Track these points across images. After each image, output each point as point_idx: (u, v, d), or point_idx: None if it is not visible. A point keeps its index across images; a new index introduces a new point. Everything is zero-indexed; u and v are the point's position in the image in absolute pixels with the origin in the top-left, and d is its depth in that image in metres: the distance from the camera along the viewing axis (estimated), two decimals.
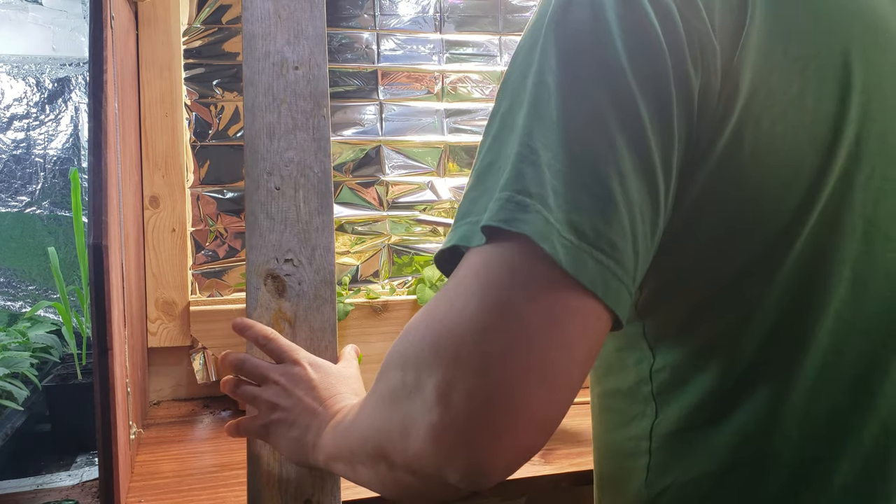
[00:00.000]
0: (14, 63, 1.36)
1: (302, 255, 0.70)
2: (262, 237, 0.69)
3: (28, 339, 1.21)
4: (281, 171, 0.70)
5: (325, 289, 0.71)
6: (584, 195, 0.38)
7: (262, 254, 0.69)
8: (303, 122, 0.71)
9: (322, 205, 0.71)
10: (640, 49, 0.40)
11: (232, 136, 1.22)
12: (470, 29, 1.33)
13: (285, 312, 0.69)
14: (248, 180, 0.69)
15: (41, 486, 0.94)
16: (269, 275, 0.69)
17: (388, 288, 1.27)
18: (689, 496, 0.48)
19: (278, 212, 0.69)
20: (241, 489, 0.83)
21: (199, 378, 1.14)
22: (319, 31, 0.72)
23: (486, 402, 0.37)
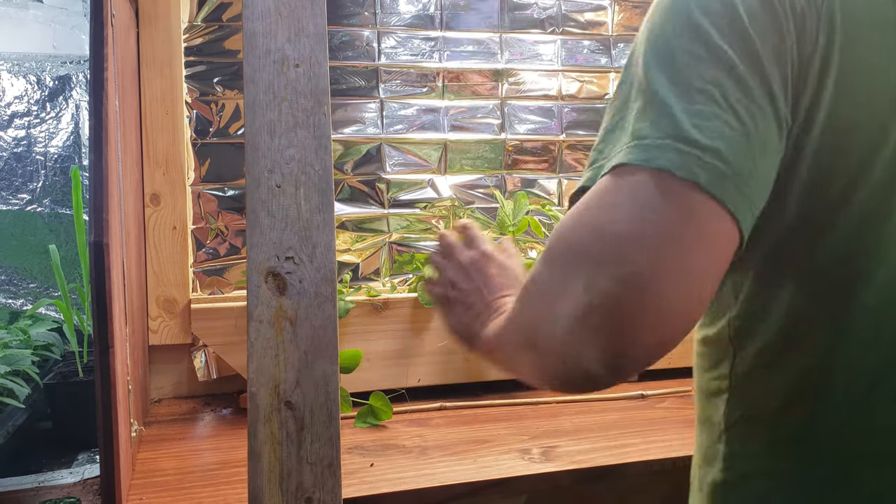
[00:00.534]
0: (15, 61, 1.36)
1: (303, 253, 0.71)
2: (262, 235, 0.69)
3: (29, 336, 1.21)
4: (282, 168, 0.70)
5: (326, 287, 0.71)
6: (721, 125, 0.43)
7: (263, 252, 0.69)
8: (303, 120, 0.71)
9: (323, 203, 0.71)
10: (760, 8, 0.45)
11: (233, 133, 1.22)
12: (471, 27, 1.33)
13: (286, 310, 0.70)
14: (249, 178, 0.69)
15: (43, 483, 0.94)
16: (269, 273, 0.69)
17: (388, 286, 1.27)
18: (752, 427, 0.55)
19: (279, 210, 0.70)
20: (243, 486, 0.83)
21: (200, 375, 1.14)
22: (320, 28, 0.72)
23: (632, 290, 0.41)
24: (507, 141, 1.35)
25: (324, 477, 0.70)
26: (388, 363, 1.13)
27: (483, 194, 1.36)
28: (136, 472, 0.88)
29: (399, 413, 1.07)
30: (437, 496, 0.83)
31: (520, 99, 1.36)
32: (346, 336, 1.11)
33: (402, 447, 0.96)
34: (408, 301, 1.14)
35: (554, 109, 1.38)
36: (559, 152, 1.39)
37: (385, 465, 0.89)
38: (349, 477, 0.85)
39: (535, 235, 1.32)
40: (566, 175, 1.40)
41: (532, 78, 1.37)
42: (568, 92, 1.39)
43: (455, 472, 0.87)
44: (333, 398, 0.70)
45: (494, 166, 1.36)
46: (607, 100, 1.42)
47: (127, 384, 0.82)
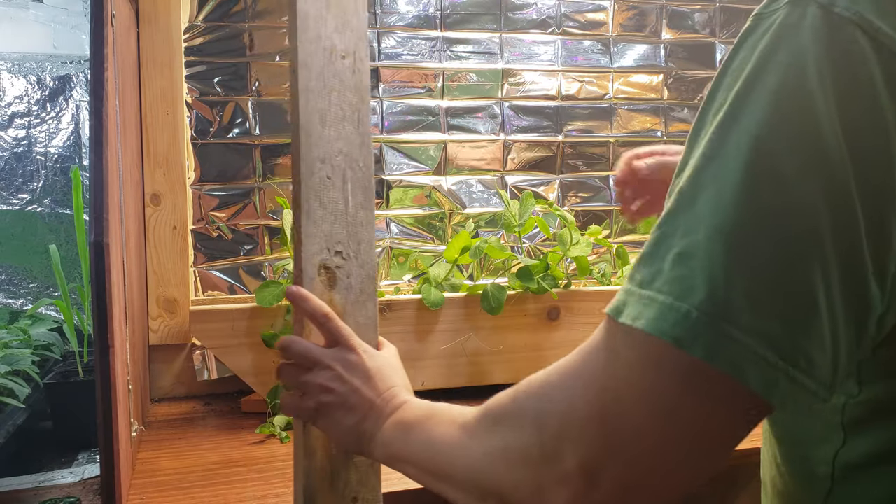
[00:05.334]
0: (15, 61, 1.36)
1: (350, 248, 0.69)
2: (315, 226, 0.67)
3: (29, 336, 1.21)
4: (332, 160, 0.68)
5: (368, 284, 0.70)
6: (784, 303, 0.35)
7: (316, 243, 0.67)
8: (349, 114, 0.70)
9: (366, 199, 0.70)
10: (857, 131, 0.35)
11: (232, 134, 1.22)
12: (471, 27, 1.33)
13: (336, 305, 0.68)
14: (302, 165, 0.66)
15: (43, 483, 0.94)
16: (322, 265, 0.68)
17: (392, 288, 1.27)
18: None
19: (329, 202, 0.68)
20: (243, 486, 0.83)
21: (200, 376, 1.14)
22: (363, 23, 0.71)
23: (633, 490, 0.38)
24: (506, 141, 1.35)
25: (367, 476, 0.69)
26: None
27: (483, 194, 1.36)
28: (136, 472, 0.88)
29: None
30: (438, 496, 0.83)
31: (520, 99, 1.36)
32: None
33: None
34: (411, 303, 1.13)
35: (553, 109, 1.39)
36: (560, 152, 1.39)
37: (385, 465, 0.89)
38: None
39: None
40: (565, 176, 1.40)
41: (532, 78, 1.37)
42: (568, 92, 1.39)
43: None
44: None
45: (494, 166, 1.36)
46: (607, 99, 1.42)
47: (127, 384, 0.82)
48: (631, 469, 0.38)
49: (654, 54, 1.44)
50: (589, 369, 0.40)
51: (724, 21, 1.48)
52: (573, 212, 1.38)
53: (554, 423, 0.41)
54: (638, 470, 0.38)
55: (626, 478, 0.38)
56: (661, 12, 1.44)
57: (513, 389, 0.46)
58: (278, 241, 1.23)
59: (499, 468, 0.45)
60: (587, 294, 1.20)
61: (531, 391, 0.44)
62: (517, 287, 1.15)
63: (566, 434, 0.40)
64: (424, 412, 0.57)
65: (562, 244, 1.21)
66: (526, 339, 1.16)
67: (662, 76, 1.45)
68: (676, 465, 0.38)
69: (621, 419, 0.38)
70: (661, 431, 0.37)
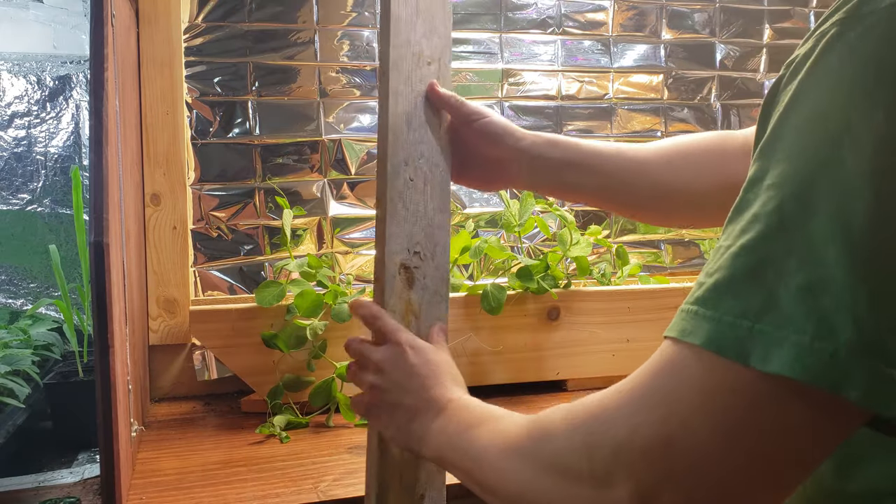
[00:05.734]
0: (15, 61, 1.36)
1: (427, 249, 0.71)
2: (398, 226, 0.69)
3: (29, 336, 1.21)
4: (415, 162, 0.70)
5: (442, 286, 0.72)
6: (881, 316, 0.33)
7: (398, 243, 0.69)
8: (431, 119, 0.71)
9: (443, 203, 0.72)
10: None
11: (232, 134, 1.22)
12: (470, 27, 1.33)
13: (413, 305, 0.70)
14: (389, 166, 0.68)
15: (43, 483, 0.94)
16: (402, 264, 0.69)
17: None
18: None
19: (411, 203, 0.70)
20: (243, 486, 0.83)
21: (200, 376, 1.14)
22: (448, 31, 0.73)
23: None
24: None
25: (434, 476, 0.71)
26: None
27: (483, 194, 1.36)
28: (136, 472, 0.88)
29: None
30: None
31: (520, 99, 1.36)
32: None
33: None
34: None
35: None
36: None
37: None
38: (349, 477, 0.86)
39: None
40: None
41: (532, 78, 1.37)
42: (568, 92, 1.39)
43: None
44: None
45: None
46: (607, 99, 1.42)
47: (127, 384, 0.82)
48: (691, 500, 0.37)
49: (654, 54, 1.44)
50: (654, 394, 0.38)
51: (724, 21, 1.48)
52: (573, 212, 1.38)
53: (608, 449, 0.39)
54: (698, 501, 0.37)
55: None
56: (660, 12, 1.44)
57: (566, 408, 0.45)
58: (278, 241, 1.23)
59: (547, 490, 0.44)
60: (587, 294, 1.20)
61: (587, 412, 0.42)
62: (517, 287, 1.15)
63: (621, 460, 0.38)
64: (472, 417, 0.56)
65: (562, 244, 1.21)
66: (526, 339, 1.16)
67: (662, 76, 1.45)
68: (740, 499, 0.37)
69: (680, 439, 0.36)
70: (735, 464, 0.36)
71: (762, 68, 1.51)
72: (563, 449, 0.43)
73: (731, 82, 1.49)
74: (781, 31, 1.51)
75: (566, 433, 0.43)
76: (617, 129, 1.42)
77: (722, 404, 0.36)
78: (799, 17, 1.52)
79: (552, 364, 1.17)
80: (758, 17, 1.50)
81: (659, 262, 1.46)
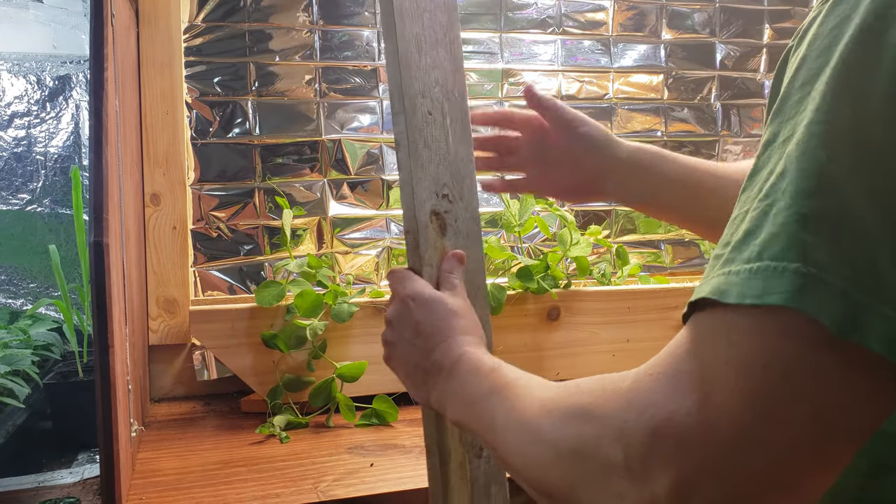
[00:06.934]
0: (15, 61, 1.36)
1: (455, 189, 0.64)
2: (423, 169, 0.62)
3: (29, 336, 1.21)
4: (431, 92, 0.63)
5: (474, 227, 0.66)
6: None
7: (426, 188, 0.63)
8: (441, 37, 0.64)
9: (464, 132, 0.65)
10: None
11: (232, 134, 1.22)
12: (470, 27, 1.33)
13: (447, 253, 0.64)
14: (406, 102, 0.61)
15: (43, 483, 0.94)
16: (433, 212, 0.63)
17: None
18: None
19: (433, 140, 0.63)
20: (243, 486, 0.83)
21: (200, 376, 1.14)
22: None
23: None
24: None
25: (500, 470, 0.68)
26: None
27: (483, 194, 1.36)
28: (136, 472, 0.88)
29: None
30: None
31: (520, 99, 1.36)
32: (349, 339, 1.10)
33: (402, 447, 0.96)
34: None
35: None
36: None
37: (385, 465, 0.89)
38: (349, 477, 0.85)
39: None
40: None
41: (532, 78, 1.37)
42: (568, 92, 1.39)
43: None
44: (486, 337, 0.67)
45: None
46: (607, 99, 1.42)
47: (127, 384, 0.82)
48: (732, 490, 0.34)
49: (654, 54, 1.44)
50: (688, 377, 0.35)
51: (724, 21, 1.48)
52: (573, 212, 1.38)
53: (644, 439, 0.36)
54: (739, 491, 0.34)
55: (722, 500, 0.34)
56: (660, 12, 1.43)
57: (590, 389, 0.41)
58: (278, 241, 1.23)
59: (574, 481, 0.40)
60: (587, 294, 1.20)
61: (619, 397, 0.39)
62: (517, 287, 1.15)
63: (658, 451, 0.35)
64: (487, 383, 0.52)
65: (562, 244, 1.21)
66: (526, 339, 1.16)
67: (662, 76, 1.45)
68: (788, 488, 0.33)
69: (731, 435, 0.33)
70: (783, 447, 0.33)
71: (762, 68, 1.51)
72: (593, 437, 0.39)
73: (732, 82, 1.49)
74: (782, 31, 1.51)
75: (596, 419, 0.39)
76: (617, 128, 1.42)
77: (767, 377, 0.32)
78: (799, 17, 1.52)
79: (552, 364, 1.17)
80: (758, 17, 1.50)
81: (659, 262, 1.46)
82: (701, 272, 1.48)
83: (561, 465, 0.41)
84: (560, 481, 0.41)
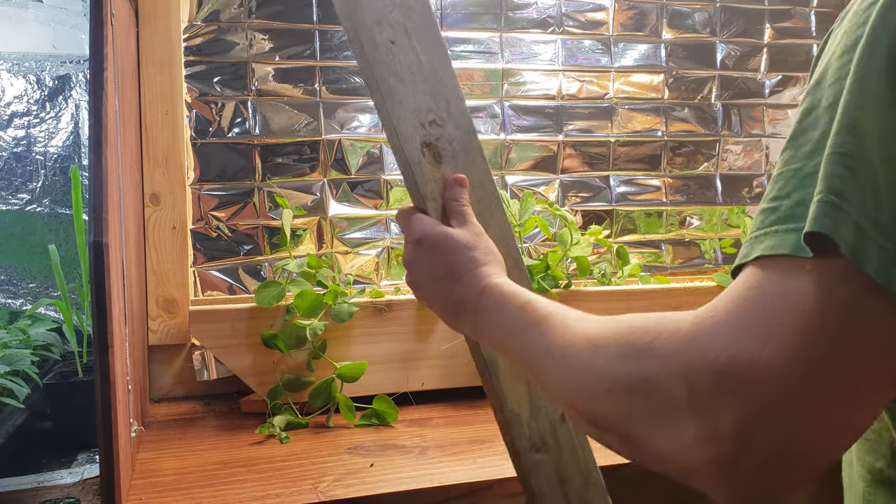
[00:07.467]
0: (14, 60, 1.36)
1: (441, 110, 0.62)
2: (401, 105, 0.60)
3: (29, 336, 1.21)
4: (388, 17, 0.59)
5: (470, 141, 0.63)
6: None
7: (409, 124, 0.60)
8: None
9: (436, 43, 0.62)
10: None
11: (232, 133, 1.22)
12: (471, 26, 1.33)
13: (448, 180, 0.63)
14: (363, 40, 0.58)
15: (42, 483, 0.94)
16: (423, 144, 0.61)
17: (392, 288, 1.27)
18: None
19: (404, 70, 0.60)
20: (242, 486, 0.83)
21: (200, 376, 1.14)
22: None
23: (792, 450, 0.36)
24: (506, 141, 1.35)
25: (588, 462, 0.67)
26: (391, 367, 1.13)
27: None
28: (136, 473, 0.87)
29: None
30: (437, 496, 0.83)
31: (520, 98, 1.36)
32: (349, 339, 1.10)
33: (402, 447, 0.95)
34: (411, 303, 1.13)
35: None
36: (559, 152, 1.39)
37: (385, 466, 0.89)
38: (349, 477, 0.85)
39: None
40: (565, 176, 1.40)
41: (532, 78, 1.37)
42: (568, 92, 1.39)
43: (455, 472, 0.87)
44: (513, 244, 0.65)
45: (494, 166, 1.35)
46: (608, 99, 1.42)
47: (126, 384, 0.82)
48: (791, 426, 0.36)
49: (654, 54, 1.44)
50: (751, 318, 0.37)
51: (725, 21, 1.48)
52: (573, 212, 1.38)
53: (708, 375, 0.37)
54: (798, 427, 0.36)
55: (785, 441, 0.36)
56: (661, 12, 1.43)
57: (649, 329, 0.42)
58: (278, 241, 1.23)
59: (628, 408, 0.41)
60: (587, 294, 1.20)
61: (679, 335, 0.39)
62: None
63: (725, 388, 0.36)
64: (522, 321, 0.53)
65: (562, 244, 1.21)
66: None
67: (663, 76, 1.44)
68: (842, 423, 0.36)
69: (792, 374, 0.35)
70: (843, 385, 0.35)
71: (763, 68, 1.51)
72: (654, 374, 0.40)
73: (732, 82, 1.49)
74: (782, 31, 1.51)
75: (658, 358, 0.40)
76: (617, 128, 1.42)
77: (825, 320, 0.35)
78: (800, 17, 1.52)
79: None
80: (758, 16, 1.50)
81: (660, 262, 1.46)
82: (701, 272, 1.48)
83: (615, 399, 0.42)
84: (613, 414, 0.42)
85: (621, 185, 1.43)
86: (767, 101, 1.52)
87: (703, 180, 1.49)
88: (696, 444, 0.37)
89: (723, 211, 1.50)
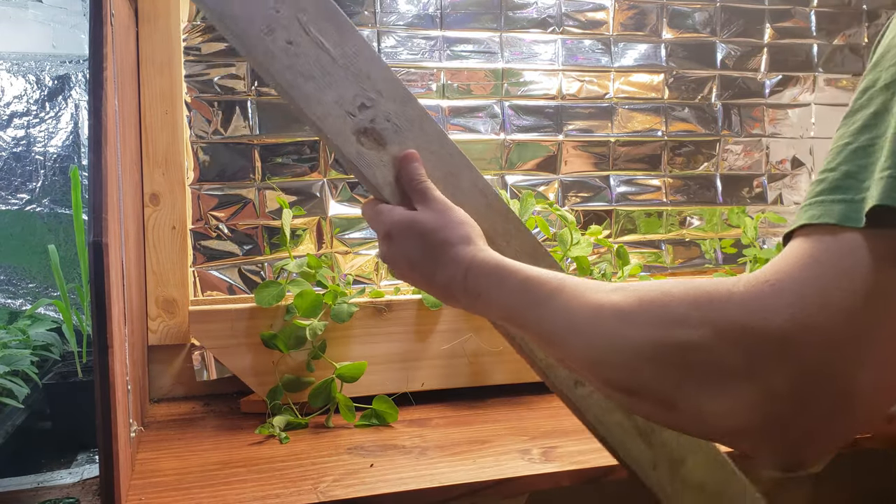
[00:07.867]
0: (14, 60, 1.36)
1: (367, 89, 0.59)
2: (319, 104, 0.57)
3: (28, 336, 1.21)
4: (277, 21, 0.56)
5: (409, 106, 0.61)
6: None
7: (335, 119, 0.57)
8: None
9: (340, 26, 0.58)
10: None
11: (232, 134, 1.21)
12: (470, 26, 1.33)
13: (397, 158, 0.60)
14: (258, 53, 0.54)
15: (42, 483, 0.94)
16: (356, 132, 0.58)
17: (392, 288, 1.27)
18: None
19: (311, 66, 0.57)
20: (242, 487, 0.83)
21: (199, 376, 1.14)
22: None
23: (843, 412, 0.37)
24: (506, 141, 1.35)
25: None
26: (391, 367, 1.13)
27: None
28: (136, 473, 0.87)
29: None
30: (437, 497, 0.83)
31: (520, 98, 1.36)
32: (349, 339, 1.10)
33: (402, 448, 0.95)
34: (411, 303, 1.13)
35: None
36: (559, 152, 1.38)
37: (385, 466, 0.89)
38: (349, 477, 0.85)
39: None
40: (565, 176, 1.40)
41: (532, 77, 1.37)
42: (568, 91, 1.39)
43: (455, 472, 0.87)
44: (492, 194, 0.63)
45: (494, 166, 1.35)
46: (608, 99, 1.42)
47: (126, 384, 0.82)
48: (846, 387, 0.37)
49: (654, 54, 1.44)
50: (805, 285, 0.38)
51: (725, 20, 1.48)
52: (573, 212, 1.37)
53: (764, 339, 0.38)
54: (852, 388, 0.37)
55: (839, 394, 0.37)
56: (661, 12, 1.43)
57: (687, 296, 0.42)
58: (278, 241, 1.23)
59: (674, 375, 0.41)
60: None
61: (729, 301, 0.40)
62: None
63: (780, 351, 0.38)
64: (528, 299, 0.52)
65: (562, 244, 1.21)
66: None
67: (663, 76, 1.44)
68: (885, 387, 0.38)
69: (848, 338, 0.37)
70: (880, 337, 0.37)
71: (763, 68, 1.51)
72: (706, 341, 0.40)
73: (732, 82, 1.49)
74: (782, 31, 1.51)
75: (707, 325, 0.40)
76: (617, 128, 1.42)
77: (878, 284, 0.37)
78: (800, 17, 1.52)
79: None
80: (759, 16, 1.50)
81: (660, 261, 1.46)
82: (702, 272, 1.48)
83: (655, 367, 0.42)
84: (651, 381, 0.42)
85: (621, 184, 1.43)
86: (767, 101, 1.52)
87: (704, 180, 1.49)
88: (749, 406, 0.38)
89: (723, 211, 1.50)
